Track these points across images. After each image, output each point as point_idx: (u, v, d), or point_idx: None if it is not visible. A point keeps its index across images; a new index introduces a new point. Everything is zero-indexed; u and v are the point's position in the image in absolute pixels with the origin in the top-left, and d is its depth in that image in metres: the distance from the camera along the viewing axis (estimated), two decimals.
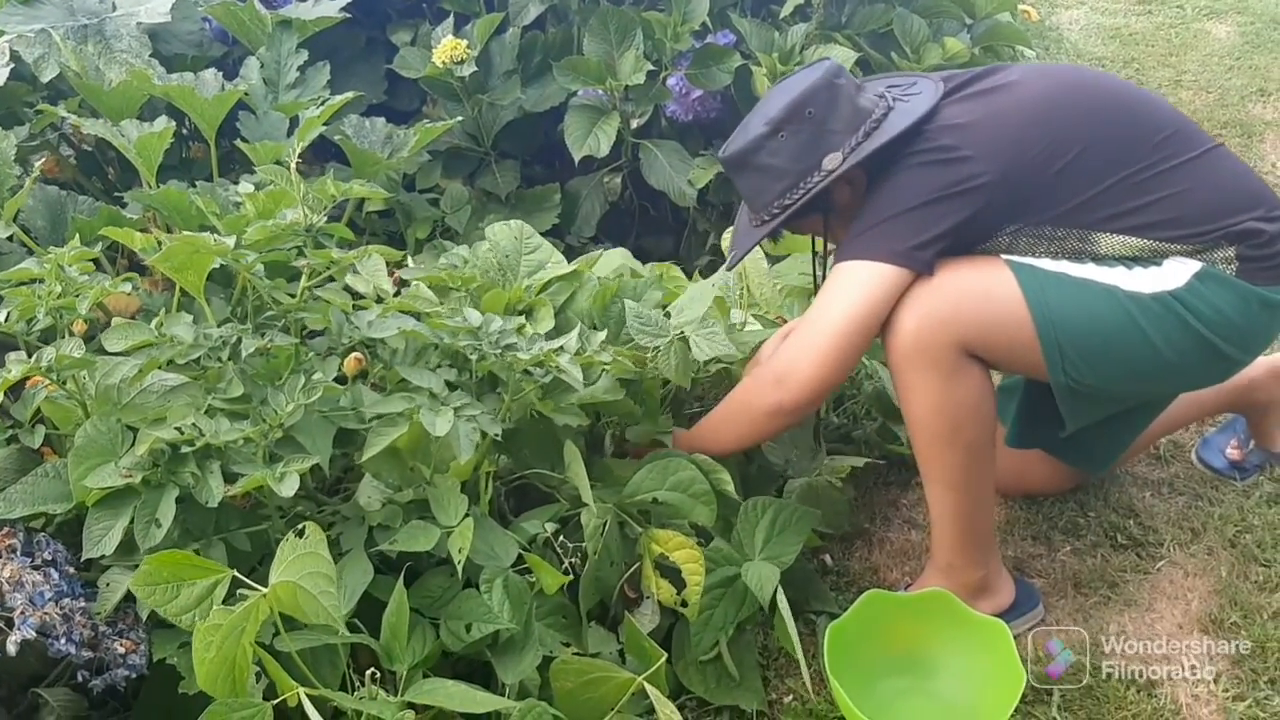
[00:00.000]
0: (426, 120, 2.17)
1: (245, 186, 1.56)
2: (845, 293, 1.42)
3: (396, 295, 1.60)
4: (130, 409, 1.31)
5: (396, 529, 1.35)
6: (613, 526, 1.51)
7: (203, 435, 1.24)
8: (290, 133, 2.05)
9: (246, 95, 2.06)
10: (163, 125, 1.79)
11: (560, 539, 1.45)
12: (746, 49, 2.38)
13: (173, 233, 1.50)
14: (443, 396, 1.35)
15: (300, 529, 1.13)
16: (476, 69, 2.33)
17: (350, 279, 1.64)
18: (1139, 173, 1.40)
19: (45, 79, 1.96)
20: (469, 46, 2.26)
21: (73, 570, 1.27)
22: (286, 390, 1.29)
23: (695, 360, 1.60)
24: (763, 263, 1.95)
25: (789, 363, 1.46)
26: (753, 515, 1.58)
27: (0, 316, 1.35)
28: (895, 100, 1.48)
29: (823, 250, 1.65)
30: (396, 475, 1.41)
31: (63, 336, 1.36)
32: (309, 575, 1.10)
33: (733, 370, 1.77)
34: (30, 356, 1.30)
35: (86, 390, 1.37)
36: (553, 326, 1.63)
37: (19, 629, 1.14)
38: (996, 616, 1.53)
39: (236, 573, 1.15)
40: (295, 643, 1.18)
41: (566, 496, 1.55)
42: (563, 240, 2.47)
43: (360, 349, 1.44)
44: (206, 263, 1.37)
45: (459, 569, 1.31)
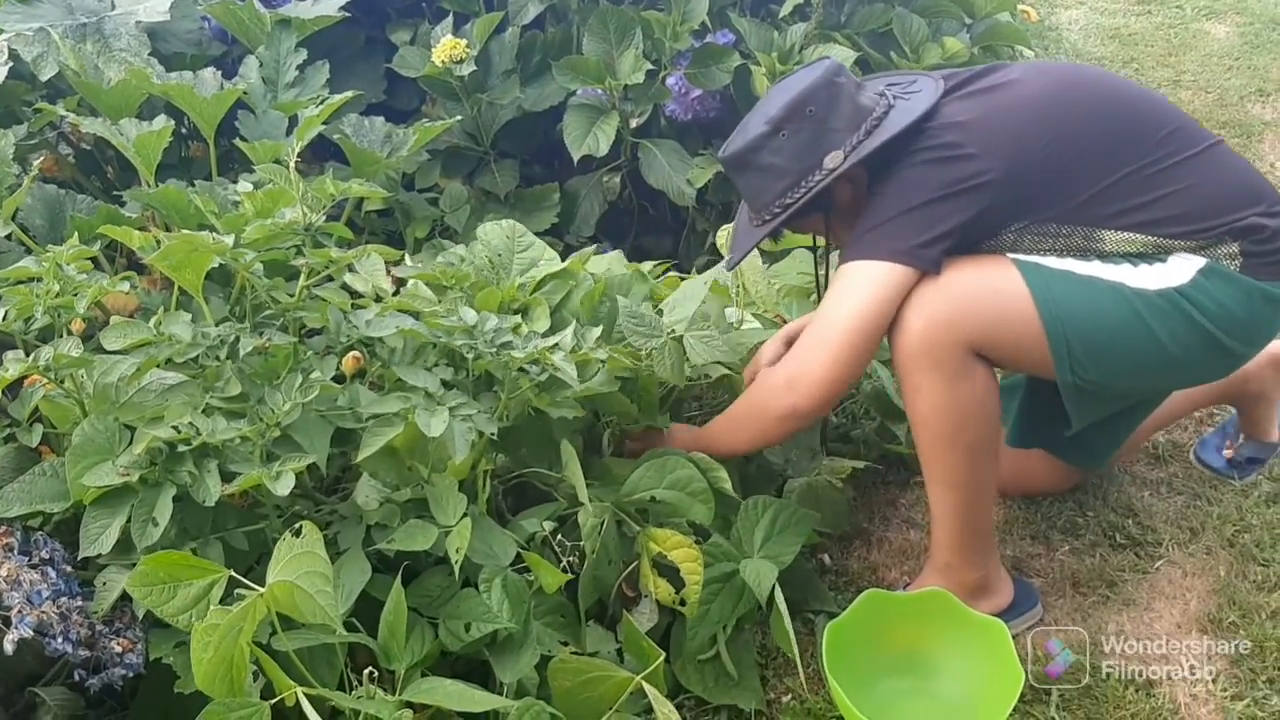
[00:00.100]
0: (425, 119, 2.17)
1: (244, 185, 1.56)
2: (853, 293, 1.41)
3: (395, 294, 1.60)
4: (128, 408, 1.31)
5: (394, 528, 1.35)
6: (610, 525, 1.51)
7: (200, 434, 1.24)
8: (289, 132, 2.05)
9: (245, 94, 2.06)
10: (161, 124, 1.79)
11: (558, 538, 1.45)
12: (746, 48, 2.38)
13: (171, 231, 1.51)
14: (438, 396, 1.35)
15: (297, 528, 1.12)
16: (476, 68, 2.33)
17: (349, 278, 1.64)
18: (1143, 169, 1.40)
19: (44, 77, 1.96)
20: (468, 46, 2.26)
21: (70, 569, 1.27)
22: (284, 389, 1.29)
23: (694, 362, 1.60)
24: (758, 260, 1.94)
25: (800, 366, 1.45)
26: (753, 514, 1.58)
27: None
28: (896, 98, 1.47)
29: (825, 249, 1.64)
30: (394, 474, 1.41)
31: (61, 335, 1.36)
32: (306, 574, 1.10)
33: (733, 373, 1.76)
34: (28, 355, 1.29)
35: (84, 389, 1.37)
36: (549, 325, 1.62)
37: (16, 628, 1.14)
38: (995, 616, 1.53)
39: (233, 572, 1.15)
40: (293, 642, 1.18)
41: (564, 495, 1.55)
42: (561, 239, 2.47)
43: (358, 348, 1.44)
44: (205, 261, 1.37)
45: (457, 568, 1.31)
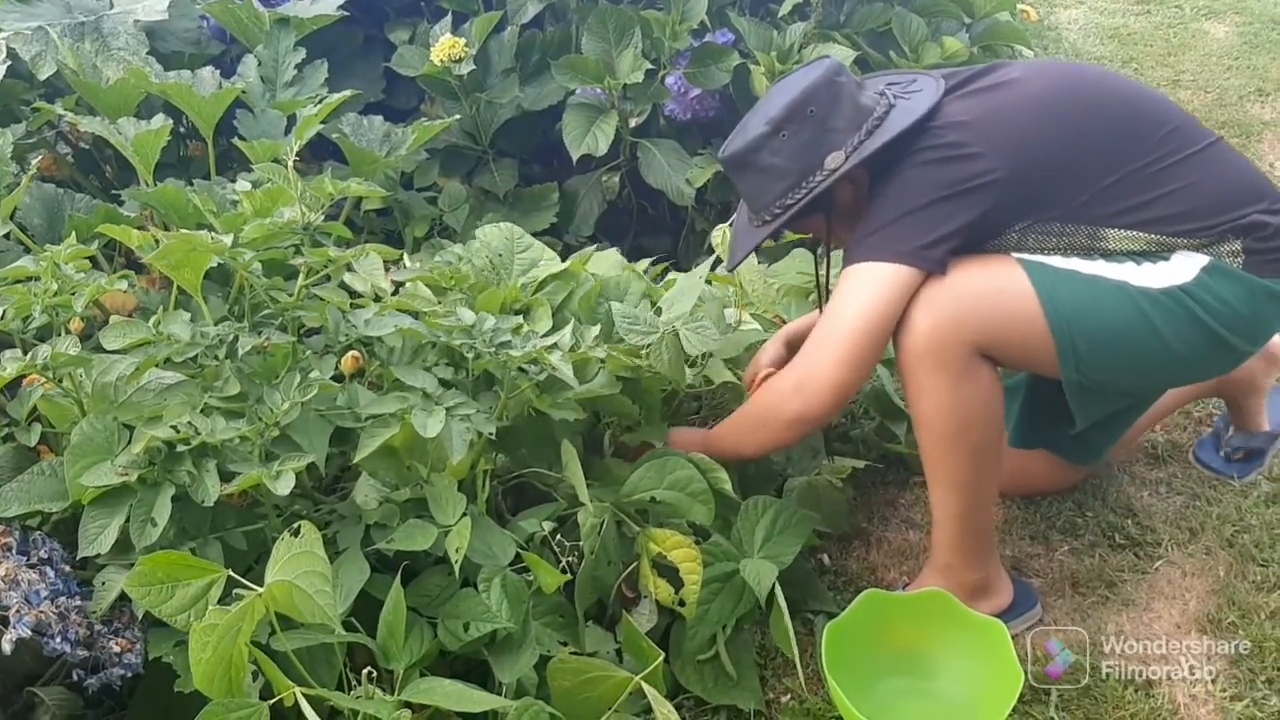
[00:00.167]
0: (424, 118, 2.17)
1: (243, 184, 1.56)
2: (858, 295, 1.40)
3: (394, 294, 1.60)
4: (127, 407, 1.31)
5: (393, 528, 1.35)
6: (610, 525, 1.51)
7: (199, 434, 1.23)
8: (288, 131, 2.05)
9: (244, 93, 2.06)
10: (160, 123, 1.79)
11: (558, 538, 1.45)
12: (745, 48, 2.38)
13: (170, 231, 1.50)
14: (436, 396, 1.35)
15: (296, 528, 1.12)
16: (475, 67, 2.33)
17: (348, 277, 1.64)
18: (1146, 167, 1.40)
19: (42, 76, 1.96)
20: (467, 45, 2.26)
21: (68, 568, 1.27)
22: (283, 389, 1.29)
23: (690, 354, 1.59)
24: (754, 260, 1.94)
25: (807, 370, 1.44)
26: (753, 514, 1.58)
27: None
28: (896, 98, 1.47)
29: (826, 249, 1.64)
30: (393, 474, 1.40)
31: (59, 334, 1.36)
32: (305, 574, 1.09)
33: (737, 380, 1.76)
34: (26, 354, 1.29)
35: (83, 388, 1.36)
36: (551, 326, 1.62)
37: (14, 627, 1.14)
38: (995, 617, 1.52)
39: (232, 572, 1.15)
40: (291, 642, 1.18)
41: (564, 495, 1.55)
42: (560, 239, 2.47)
43: (357, 347, 1.43)
44: (204, 261, 1.37)
45: (456, 568, 1.31)
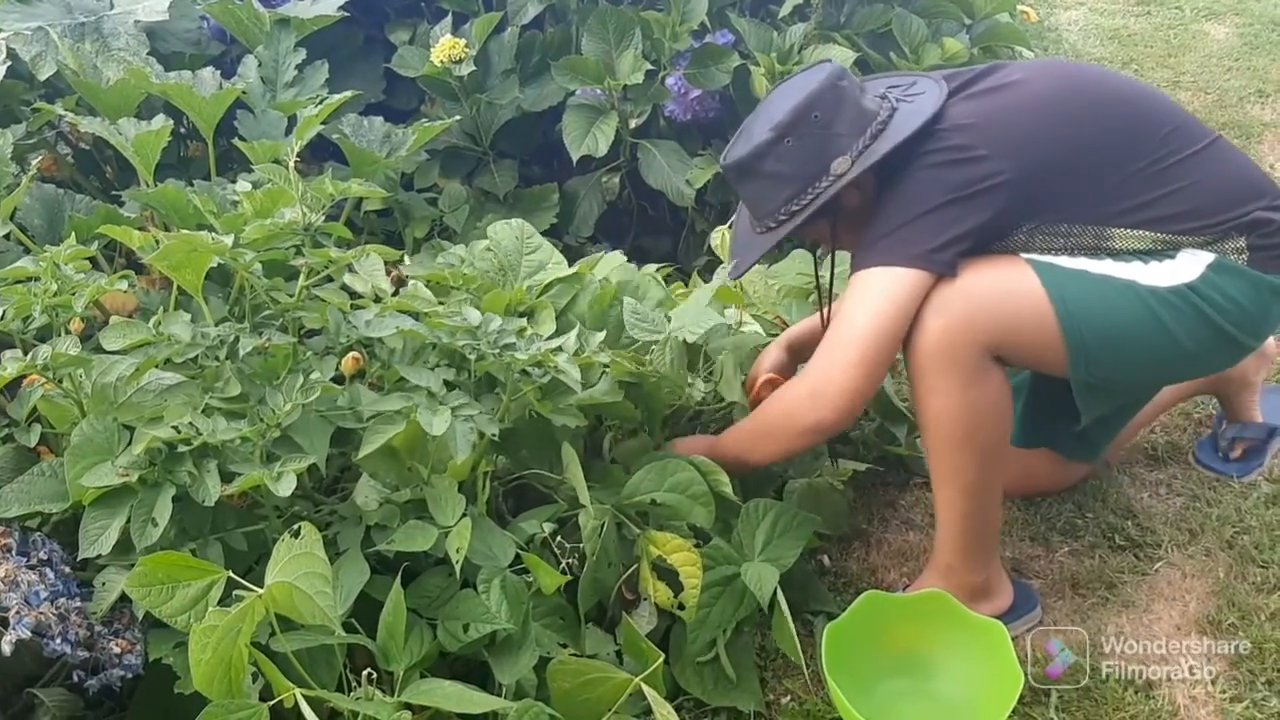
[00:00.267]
0: (425, 119, 2.16)
1: (243, 185, 1.56)
2: (871, 301, 1.40)
3: (395, 294, 1.60)
4: (127, 408, 1.31)
5: (394, 529, 1.35)
6: (610, 528, 1.51)
7: (200, 434, 1.23)
8: (288, 131, 2.04)
9: (244, 94, 2.06)
10: (160, 124, 1.79)
11: (558, 540, 1.45)
12: (745, 49, 2.38)
13: (170, 231, 1.50)
14: (441, 396, 1.35)
15: (296, 529, 1.12)
16: (475, 68, 2.33)
17: (348, 278, 1.64)
18: (1150, 166, 1.41)
19: (42, 77, 1.96)
20: (467, 46, 2.26)
21: (69, 570, 1.27)
22: (284, 389, 1.29)
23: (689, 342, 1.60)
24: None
25: (821, 378, 1.43)
26: (753, 517, 1.57)
27: None
28: (899, 101, 1.47)
29: (828, 251, 1.64)
30: (394, 475, 1.40)
31: (59, 335, 1.36)
32: (305, 575, 1.09)
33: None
34: (26, 354, 1.29)
35: (83, 389, 1.36)
36: (554, 330, 1.62)
37: (14, 629, 1.13)
38: (995, 619, 1.52)
39: (232, 573, 1.15)
40: (291, 643, 1.18)
41: (565, 497, 1.55)
42: (560, 240, 2.46)
43: (358, 348, 1.43)
44: (204, 261, 1.37)
45: (456, 569, 1.31)
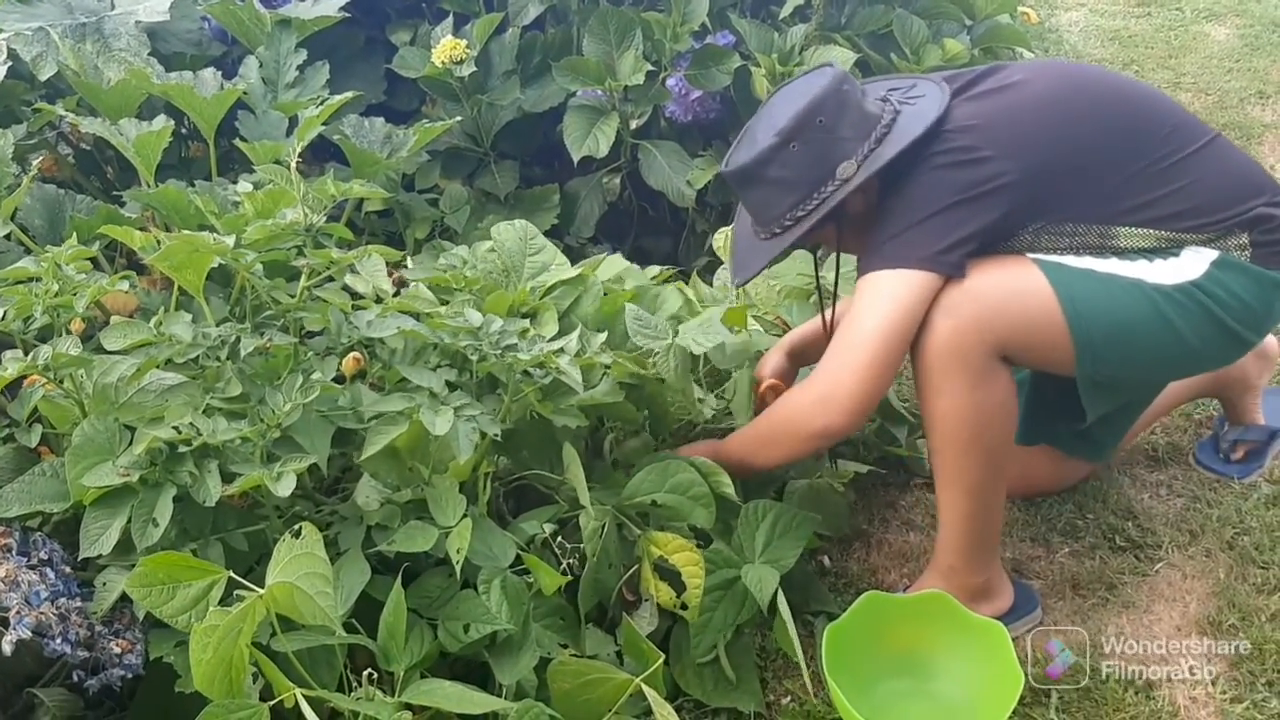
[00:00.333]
0: (426, 120, 2.16)
1: (244, 186, 1.56)
2: (878, 304, 1.39)
3: (396, 295, 1.60)
4: (128, 408, 1.31)
5: (394, 529, 1.35)
6: (611, 528, 1.51)
7: (200, 435, 1.23)
8: (289, 132, 2.04)
9: (245, 94, 2.06)
10: (161, 124, 1.79)
11: (559, 540, 1.45)
12: (746, 50, 2.38)
13: (172, 232, 1.50)
14: (443, 396, 1.35)
15: (297, 529, 1.12)
16: (476, 69, 2.33)
17: (349, 279, 1.64)
18: (1153, 165, 1.41)
19: (43, 77, 1.96)
20: (468, 46, 2.26)
21: (69, 570, 1.27)
22: (285, 390, 1.29)
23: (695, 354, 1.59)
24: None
25: (830, 382, 1.43)
26: (753, 518, 1.57)
27: None
28: (900, 104, 1.46)
29: (836, 257, 1.64)
30: (395, 475, 1.40)
31: (60, 335, 1.36)
32: (306, 576, 1.10)
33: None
34: (27, 354, 1.29)
35: (84, 389, 1.37)
36: (557, 331, 1.62)
37: (15, 628, 1.13)
38: (995, 619, 1.52)
39: (233, 573, 1.15)
40: (292, 643, 1.18)
41: (565, 498, 1.55)
42: (561, 241, 2.46)
43: (359, 349, 1.44)
44: (205, 262, 1.37)
45: (457, 569, 1.31)
